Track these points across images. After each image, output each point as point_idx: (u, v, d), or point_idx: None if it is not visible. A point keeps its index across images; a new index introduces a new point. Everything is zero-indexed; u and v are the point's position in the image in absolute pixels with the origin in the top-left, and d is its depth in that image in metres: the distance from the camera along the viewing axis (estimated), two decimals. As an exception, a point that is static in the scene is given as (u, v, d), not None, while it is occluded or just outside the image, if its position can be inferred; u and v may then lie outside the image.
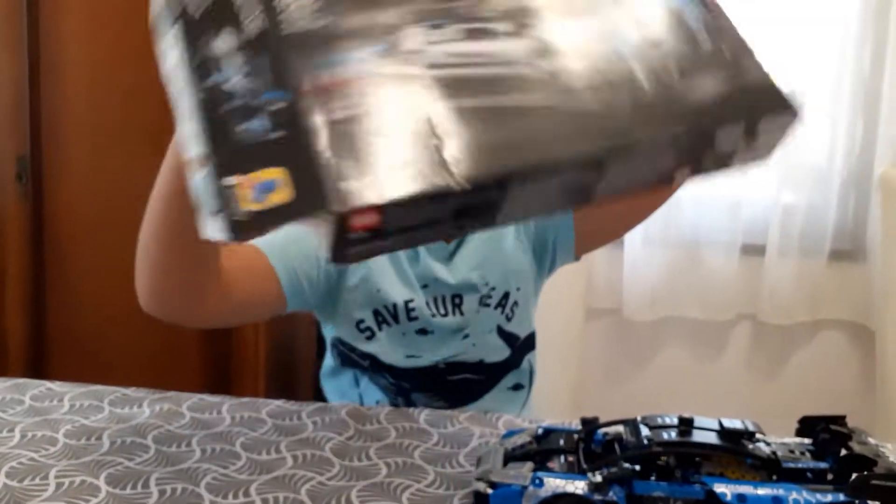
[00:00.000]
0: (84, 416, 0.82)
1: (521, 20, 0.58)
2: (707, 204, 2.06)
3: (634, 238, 2.07)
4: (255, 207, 0.48)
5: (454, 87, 0.53)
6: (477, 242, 0.95)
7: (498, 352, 0.97)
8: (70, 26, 1.66)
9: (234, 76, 0.52)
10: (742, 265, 2.07)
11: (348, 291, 0.92)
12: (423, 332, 0.93)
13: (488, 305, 0.95)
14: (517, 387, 1.00)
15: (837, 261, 2.06)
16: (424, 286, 0.93)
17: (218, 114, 0.51)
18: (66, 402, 0.86)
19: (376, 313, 0.92)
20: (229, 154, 0.50)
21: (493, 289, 0.95)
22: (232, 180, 0.49)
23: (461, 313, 0.94)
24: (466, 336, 0.95)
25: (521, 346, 0.99)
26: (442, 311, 0.94)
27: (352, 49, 0.52)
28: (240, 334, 1.68)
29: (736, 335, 2.17)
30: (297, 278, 0.87)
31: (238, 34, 0.53)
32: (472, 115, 0.51)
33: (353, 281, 0.91)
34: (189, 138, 0.53)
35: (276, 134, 0.49)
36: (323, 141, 0.48)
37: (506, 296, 0.95)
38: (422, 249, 0.93)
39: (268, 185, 0.48)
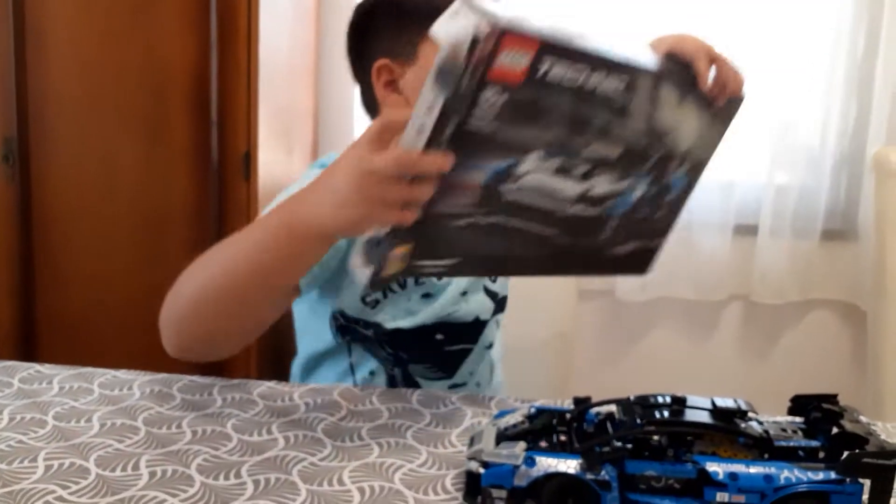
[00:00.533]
0: (73, 399, 0.81)
1: (593, 168, 0.76)
2: (700, 185, 2.05)
3: (627, 219, 2.07)
4: (391, 271, 0.70)
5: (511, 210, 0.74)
6: None
7: (486, 310, 1.03)
8: (57, 7, 1.63)
9: None
10: (734, 246, 2.07)
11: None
12: (427, 296, 0.98)
13: None
14: (490, 345, 1.05)
15: (829, 241, 2.06)
16: None
17: None
18: (55, 384, 0.85)
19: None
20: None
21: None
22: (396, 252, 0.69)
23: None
24: (465, 293, 1.00)
25: (500, 303, 1.05)
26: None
27: (489, 159, 0.68)
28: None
29: (728, 315, 2.18)
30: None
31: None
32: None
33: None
34: None
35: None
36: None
37: None
38: None
39: (402, 256, 0.70)
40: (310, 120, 2.11)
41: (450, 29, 0.64)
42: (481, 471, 0.61)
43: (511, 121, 0.66)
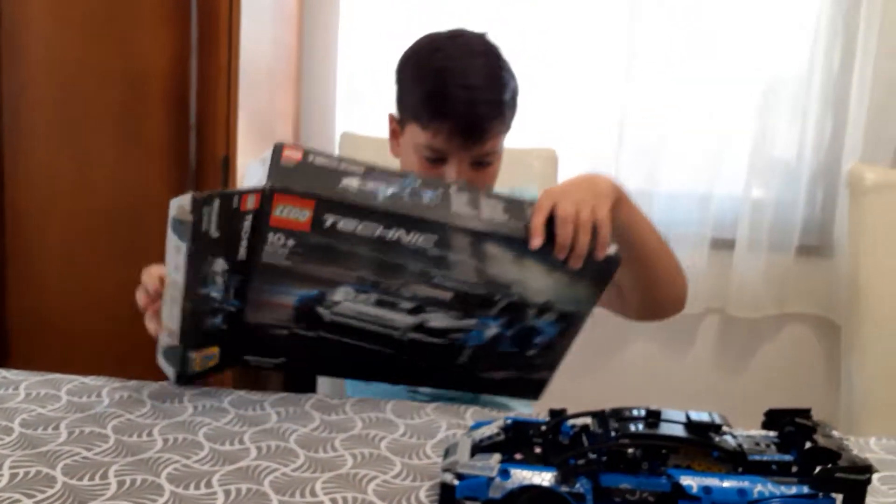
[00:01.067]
0: (41, 405, 0.80)
1: (422, 306, 0.84)
2: (677, 198, 2.07)
3: (605, 232, 2.07)
4: (198, 369, 0.85)
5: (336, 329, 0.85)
6: None
7: None
8: (34, 5, 1.62)
9: (215, 289, 0.80)
10: (711, 259, 2.08)
11: None
12: None
13: None
14: None
15: (805, 256, 2.08)
16: None
17: (197, 312, 0.80)
18: (21, 390, 0.83)
19: None
20: (195, 337, 0.83)
21: None
22: (192, 354, 0.84)
23: None
24: None
25: None
26: None
27: (294, 287, 0.81)
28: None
29: (705, 328, 2.19)
30: None
31: (229, 260, 0.79)
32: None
33: None
34: (168, 318, 0.82)
35: (223, 326, 0.83)
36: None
37: None
38: None
39: (209, 356, 0.86)
40: (290, 124, 2.10)
41: (256, 172, 0.81)
42: (456, 482, 0.61)
43: (307, 259, 0.80)
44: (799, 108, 1.99)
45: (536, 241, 0.81)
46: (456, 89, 0.99)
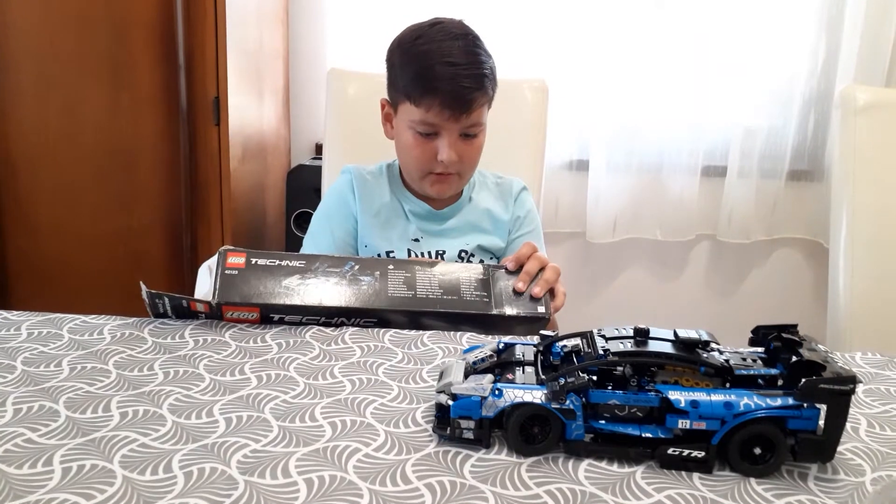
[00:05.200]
0: (43, 344, 0.81)
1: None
2: (669, 128, 2.06)
3: (598, 164, 2.08)
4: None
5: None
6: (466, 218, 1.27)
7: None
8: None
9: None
10: (703, 187, 2.09)
11: (362, 247, 1.23)
12: None
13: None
14: None
15: (796, 181, 2.09)
16: (415, 239, 1.23)
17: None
18: (23, 330, 0.85)
19: None
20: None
21: (472, 255, 1.25)
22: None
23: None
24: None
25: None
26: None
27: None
28: (205, 255, 1.68)
29: (696, 255, 2.21)
30: (337, 240, 1.23)
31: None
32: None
33: (360, 240, 1.23)
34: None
35: None
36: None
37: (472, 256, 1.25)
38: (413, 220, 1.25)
39: None
40: (280, 63, 2.07)
41: (205, 279, 0.93)
42: (450, 403, 0.63)
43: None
44: (791, 33, 1.97)
45: (511, 265, 0.98)
46: (441, 67, 1.11)
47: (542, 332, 0.70)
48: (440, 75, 1.11)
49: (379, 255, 1.22)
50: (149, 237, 1.75)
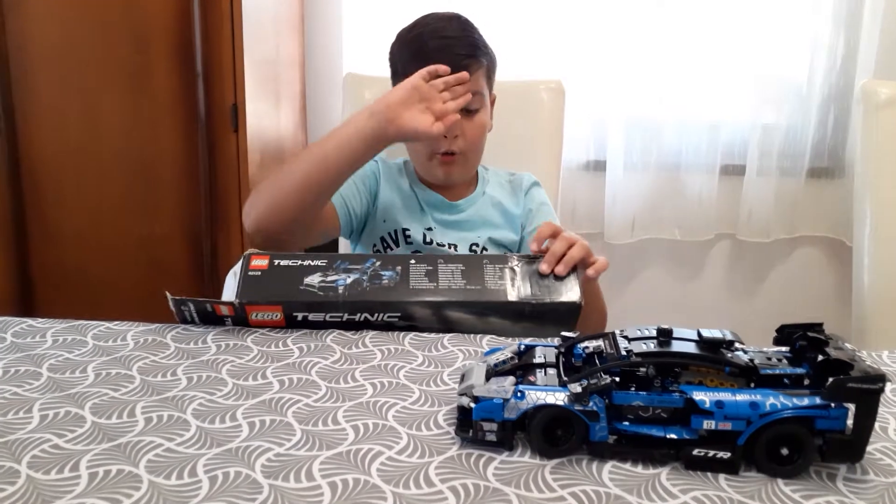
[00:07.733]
0: (68, 351, 0.82)
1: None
2: (686, 127, 2.05)
3: (615, 165, 2.07)
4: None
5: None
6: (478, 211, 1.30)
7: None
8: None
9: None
10: (721, 186, 2.08)
11: (374, 221, 1.28)
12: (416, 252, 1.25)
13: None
14: None
15: (816, 178, 2.07)
16: (429, 228, 1.27)
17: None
18: (48, 337, 0.85)
19: (382, 239, 1.28)
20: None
21: (485, 249, 1.28)
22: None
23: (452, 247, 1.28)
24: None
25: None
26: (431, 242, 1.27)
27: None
28: (225, 262, 1.69)
29: (716, 255, 2.19)
30: (348, 212, 1.25)
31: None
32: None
33: (378, 214, 1.28)
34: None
35: None
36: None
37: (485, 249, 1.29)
38: (427, 209, 1.30)
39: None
40: (297, 69, 2.08)
41: (231, 284, 0.93)
42: (472, 405, 0.62)
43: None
44: (810, 28, 1.96)
45: (534, 246, 0.96)
46: (434, 41, 1.19)
47: (564, 333, 0.70)
48: (434, 48, 1.17)
49: (396, 231, 1.26)
50: (169, 244, 1.76)
